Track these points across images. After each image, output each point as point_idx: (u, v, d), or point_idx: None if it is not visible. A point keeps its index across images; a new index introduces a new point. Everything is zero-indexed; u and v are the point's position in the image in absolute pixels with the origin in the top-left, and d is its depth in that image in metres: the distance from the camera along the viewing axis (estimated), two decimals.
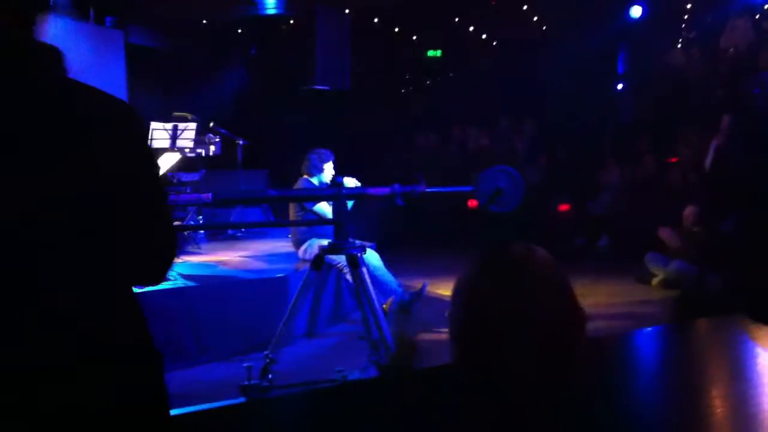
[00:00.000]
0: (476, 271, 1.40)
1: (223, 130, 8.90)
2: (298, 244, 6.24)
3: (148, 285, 1.58)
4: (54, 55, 1.42)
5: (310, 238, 6.06)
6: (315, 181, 6.11)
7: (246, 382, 4.20)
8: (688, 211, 7.28)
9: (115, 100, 1.45)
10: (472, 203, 8.56)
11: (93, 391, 1.34)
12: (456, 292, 1.41)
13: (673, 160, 9.46)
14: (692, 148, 8.99)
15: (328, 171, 6.10)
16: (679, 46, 12.08)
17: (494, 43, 13.66)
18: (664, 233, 7.45)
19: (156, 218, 1.48)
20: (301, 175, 6.22)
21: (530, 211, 9.38)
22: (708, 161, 7.69)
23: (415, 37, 13.77)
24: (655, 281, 7.29)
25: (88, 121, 1.38)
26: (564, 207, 9.73)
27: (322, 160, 6.14)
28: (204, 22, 11.79)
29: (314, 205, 5.84)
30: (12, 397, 1.27)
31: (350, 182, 5.13)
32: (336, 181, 4.39)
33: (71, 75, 1.44)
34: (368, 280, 4.48)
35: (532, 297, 1.34)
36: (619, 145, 10.56)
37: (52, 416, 1.29)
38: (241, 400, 4.15)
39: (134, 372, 1.44)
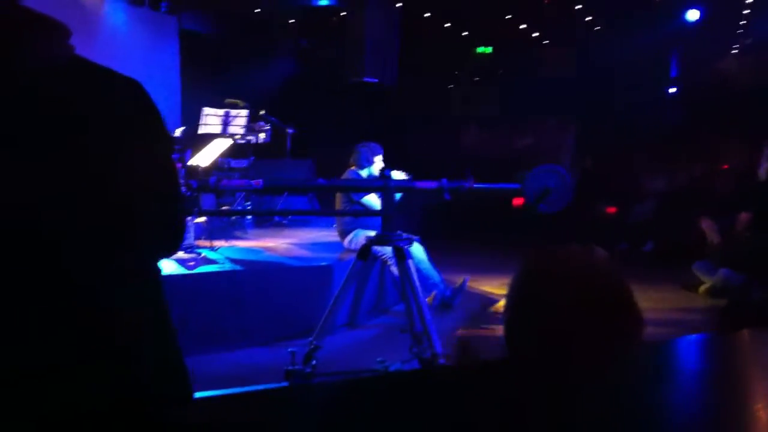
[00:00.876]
0: (533, 273, 1.40)
1: (273, 119, 9.00)
2: (343, 234, 6.30)
3: (159, 258, 1.59)
4: (53, 29, 1.38)
5: (355, 228, 6.11)
6: (364, 173, 6.17)
7: (290, 367, 4.25)
8: (743, 216, 7.19)
9: (120, 77, 1.42)
10: (517, 202, 8.51)
11: (99, 388, 1.32)
12: (512, 294, 1.40)
13: (724, 167, 9.33)
14: (743, 156, 8.85)
15: (378, 164, 6.15)
16: (735, 52, 11.89)
17: (545, 42, 13.54)
18: (707, 225, 7.38)
19: (170, 190, 1.48)
20: (350, 167, 6.27)
21: (574, 212, 9.38)
22: (763, 169, 7.57)
23: (465, 33, 13.70)
24: (701, 289, 7.21)
25: (90, 100, 1.36)
26: (611, 209, 9.66)
27: (372, 152, 6.19)
28: (257, 10, 11.88)
29: (363, 196, 5.89)
30: (15, 393, 1.25)
31: (399, 175, 5.16)
32: (384, 173, 4.42)
33: (123, 56, 1.42)
34: (414, 272, 4.50)
35: (593, 302, 1.34)
36: (668, 150, 10.44)
37: (55, 414, 1.28)
38: (284, 384, 4.21)
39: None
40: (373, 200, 5.94)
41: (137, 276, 1.45)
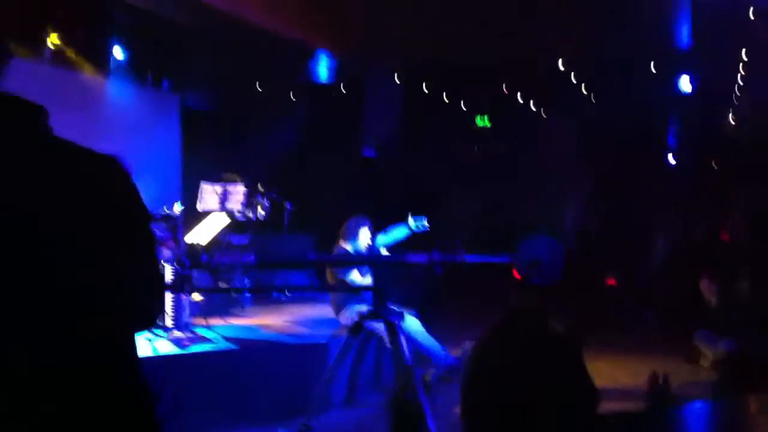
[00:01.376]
0: (488, 339, 1.40)
1: (272, 194, 9.04)
2: (337, 310, 6.24)
3: (139, 330, 1.59)
4: (32, 111, 1.42)
5: (349, 303, 6.05)
6: (349, 247, 6.12)
7: None
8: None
9: (101, 156, 1.46)
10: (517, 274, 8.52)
11: None
12: (468, 358, 1.41)
13: (723, 234, 9.30)
14: (743, 222, 8.84)
15: (363, 237, 6.10)
16: (730, 116, 11.97)
17: (542, 110, 13.69)
18: (704, 285, 7.29)
19: (145, 265, 1.49)
20: (337, 241, 6.24)
21: (576, 280, 9.32)
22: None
23: (463, 103, 13.87)
24: (703, 360, 7.08)
25: (72, 177, 1.39)
26: (611, 281, 9.60)
27: (358, 225, 6.16)
28: (259, 88, 12.08)
29: (346, 273, 5.84)
30: None
31: (385, 252, 5.14)
32: (372, 249, 4.41)
33: (124, 133, 1.47)
34: (406, 348, 4.44)
35: (541, 370, 1.33)
36: (669, 217, 10.43)
37: None
38: None
39: None
40: (355, 277, 5.89)
41: (109, 353, 1.44)
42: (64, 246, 1.34)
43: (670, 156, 12.67)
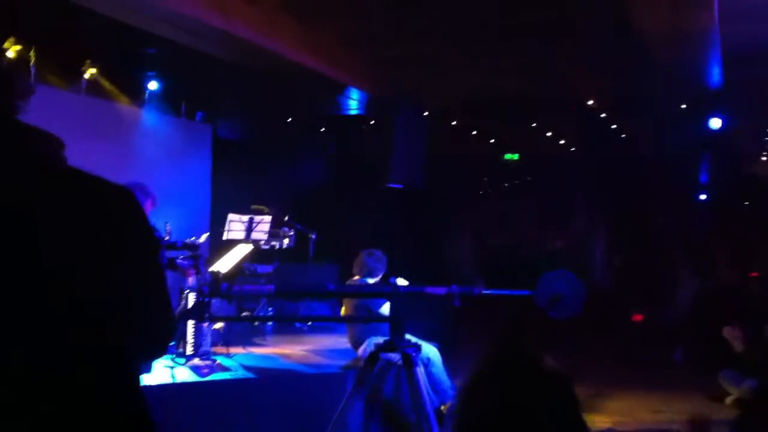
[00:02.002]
0: (479, 372, 1.41)
1: (298, 225, 9.12)
2: (356, 344, 6.24)
3: (148, 361, 1.60)
4: (48, 141, 1.46)
5: (368, 336, 6.06)
6: (370, 280, 6.14)
7: None
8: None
9: (113, 186, 1.49)
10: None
11: None
12: (460, 389, 1.42)
13: (754, 274, 9.17)
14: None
15: (379, 268, 6.15)
16: (764, 158, 11.88)
17: (572, 149, 13.69)
18: (729, 332, 7.18)
19: (154, 295, 1.51)
20: (353, 274, 6.26)
21: (603, 317, 9.24)
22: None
23: (492, 140, 13.93)
24: (728, 400, 6.96)
25: (85, 206, 1.43)
26: (637, 317, 9.49)
27: (372, 258, 6.18)
28: (289, 119, 12.26)
29: (380, 306, 5.84)
30: None
31: (402, 283, 5.15)
32: (390, 281, 4.43)
33: (157, 163, 1.50)
34: (422, 380, 4.44)
35: (530, 405, 1.34)
36: (698, 255, 10.31)
37: None
38: None
39: None
40: (386, 310, 5.92)
41: (117, 381, 1.46)
42: (74, 274, 1.37)
43: (702, 195, 12.59)
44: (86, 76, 8.99)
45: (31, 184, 1.39)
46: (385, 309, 5.92)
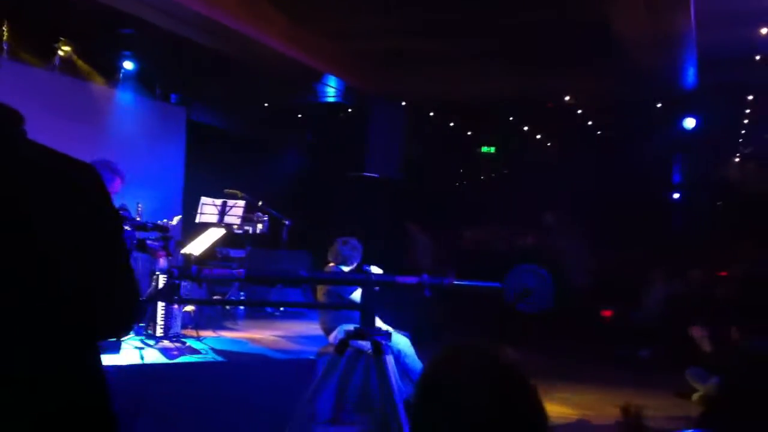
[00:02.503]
0: (437, 363, 1.41)
1: (272, 211, 9.08)
2: (327, 330, 6.24)
3: (112, 338, 1.59)
4: (6, 116, 1.45)
5: (339, 323, 6.05)
6: (345, 268, 6.13)
7: None
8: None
9: (75, 162, 1.48)
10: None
11: None
12: (418, 380, 1.42)
13: (723, 273, 9.29)
14: (744, 262, 8.83)
15: (355, 256, 6.15)
16: (736, 159, 12.01)
17: (548, 144, 13.75)
18: (696, 332, 7.28)
19: (116, 273, 1.50)
20: (328, 261, 6.24)
21: (573, 313, 9.31)
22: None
23: (470, 132, 13.96)
24: (695, 396, 7.06)
25: (42, 181, 1.41)
26: (606, 312, 9.58)
27: (348, 245, 6.17)
28: (265, 105, 12.19)
29: (351, 293, 5.84)
30: None
31: (376, 271, 5.15)
32: (363, 268, 4.42)
33: (130, 144, 1.49)
34: (392, 369, 4.43)
35: (497, 403, 1.34)
36: (668, 255, 10.42)
37: None
38: None
39: None
40: (358, 296, 5.91)
41: (73, 360, 1.45)
42: (33, 250, 1.35)
43: (675, 194, 12.71)
44: (60, 53, 8.87)
45: None
46: (357, 296, 5.92)
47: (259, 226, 8.86)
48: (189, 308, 6.61)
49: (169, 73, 10.48)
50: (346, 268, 6.13)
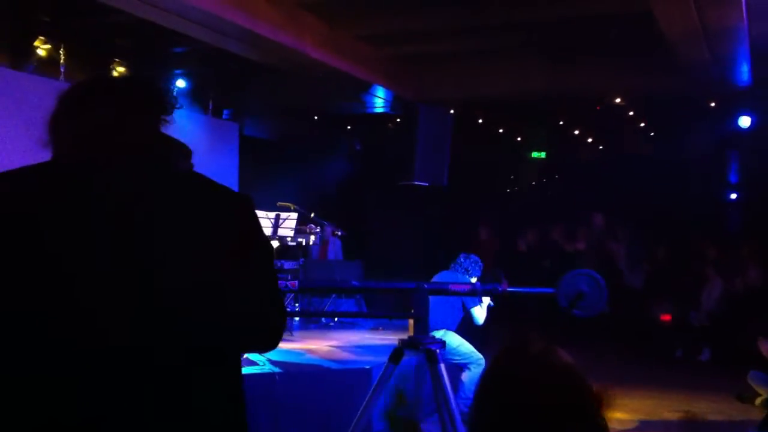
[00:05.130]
0: (496, 362, 1.43)
1: (324, 222, 9.18)
2: None
3: (262, 352, 1.76)
4: (182, 150, 1.60)
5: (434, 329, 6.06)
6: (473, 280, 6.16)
7: None
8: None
9: (233, 192, 1.62)
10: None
11: None
12: (477, 392, 1.44)
13: None
14: None
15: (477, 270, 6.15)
16: None
17: (600, 146, 13.61)
18: (764, 346, 7.07)
19: (271, 294, 1.61)
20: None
21: (631, 316, 9.19)
22: None
23: (519, 138, 13.90)
24: (758, 401, 6.89)
25: (210, 208, 1.55)
26: (666, 317, 9.43)
27: (474, 262, 6.18)
28: (315, 117, 12.33)
29: (473, 306, 5.89)
30: None
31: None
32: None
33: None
34: (446, 378, 4.44)
35: (554, 404, 1.35)
36: (725, 255, 10.21)
37: None
38: None
39: None
40: (478, 314, 5.97)
41: (224, 370, 1.57)
42: (191, 276, 1.47)
43: (732, 194, 12.46)
44: (114, 74, 9.11)
45: (158, 188, 1.52)
46: (477, 311, 5.95)
47: (312, 237, 8.96)
48: None
49: (220, 89, 10.68)
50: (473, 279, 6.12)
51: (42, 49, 8.17)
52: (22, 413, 1.39)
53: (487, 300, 5.98)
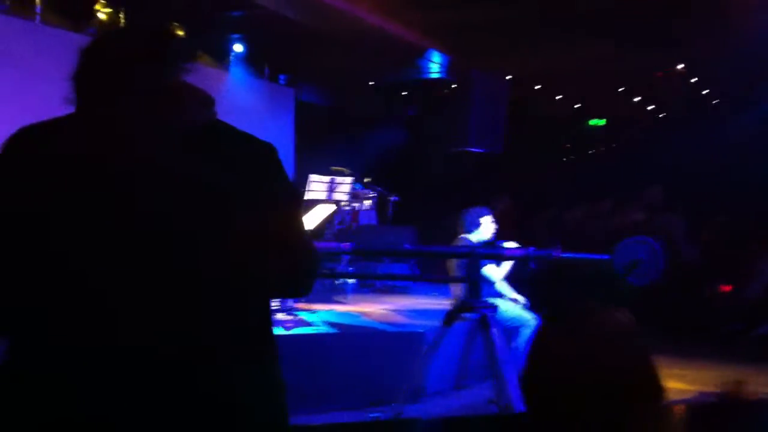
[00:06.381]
0: (553, 327, 1.43)
1: (378, 187, 9.22)
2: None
3: (295, 296, 1.76)
4: (202, 98, 1.60)
5: None
6: (473, 237, 6.09)
7: None
8: None
9: (256, 140, 1.61)
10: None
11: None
12: (532, 351, 1.44)
13: None
14: None
15: (487, 226, 6.09)
16: None
17: (659, 115, 13.32)
18: None
19: (298, 238, 1.61)
20: (457, 235, 6.22)
21: (688, 289, 9.04)
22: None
23: (577, 105, 13.67)
24: None
25: (233, 157, 1.55)
26: (726, 288, 9.25)
27: (478, 215, 6.12)
28: (371, 83, 12.31)
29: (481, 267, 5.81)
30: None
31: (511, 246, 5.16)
32: (494, 243, 4.45)
33: (241, 125, 1.62)
34: (499, 342, 4.46)
35: (610, 365, 1.34)
36: None
37: None
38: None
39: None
40: (490, 271, 5.92)
41: (257, 322, 1.61)
42: (229, 216, 1.48)
43: None
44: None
45: (176, 140, 1.50)
46: (487, 270, 5.90)
47: (367, 202, 9.01)
48: None
49: (276, 54, 10.73)
50: (473, 237, 6.07)
51: (102, 12, 8.31)
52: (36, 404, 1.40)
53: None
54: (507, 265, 5.98)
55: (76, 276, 1.41)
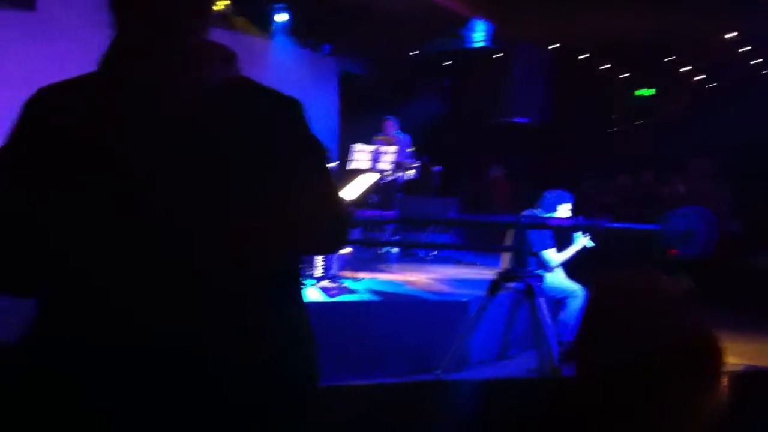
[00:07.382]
0: (606, 289, 1.41)
1: (423, 157, 9.20)
2: None
3: (326, 253, 1.73)
4: (223, 54, 1.57)
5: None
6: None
7: None
8: None
9: (280, 95, 1.58)
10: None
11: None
12: (585, 316, 1.42)
13: None
14: None
15: (562, 213, 5.80)
16: None
17: (710, 86, 13.02)
18: None
19: (325, 194, 1.58)
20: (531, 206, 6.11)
21: (733, 262, 8.88)
22: None
23: (624, 76, 13.42)
24: None
25: (256, 110, 1.53)
26: None
27: (558, 200, 5.94)
28: (414, 53, 12.23)
29: (542, 249, 5.69)
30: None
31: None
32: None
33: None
34: (545, 311, 4.46)
35: (652, 324, 1.32)
36: None
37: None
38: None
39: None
40: (552, 256, 5.80)
41: (285, 275, 1.59)
42: (254, 172, 1.47)
43: None
44: (216, 8, 9.23)
45: (200, 93, 1.49)
46: (549, 253, 5.78)
47: (410, 172, 8.99)
48: (346, 251, 6.86)
49: (319, 23, 10.69)
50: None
51: None
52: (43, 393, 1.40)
53: (580, 243, 5.74)
54: (569, 252, 5.80)
55: (91, 238, 1.41)
